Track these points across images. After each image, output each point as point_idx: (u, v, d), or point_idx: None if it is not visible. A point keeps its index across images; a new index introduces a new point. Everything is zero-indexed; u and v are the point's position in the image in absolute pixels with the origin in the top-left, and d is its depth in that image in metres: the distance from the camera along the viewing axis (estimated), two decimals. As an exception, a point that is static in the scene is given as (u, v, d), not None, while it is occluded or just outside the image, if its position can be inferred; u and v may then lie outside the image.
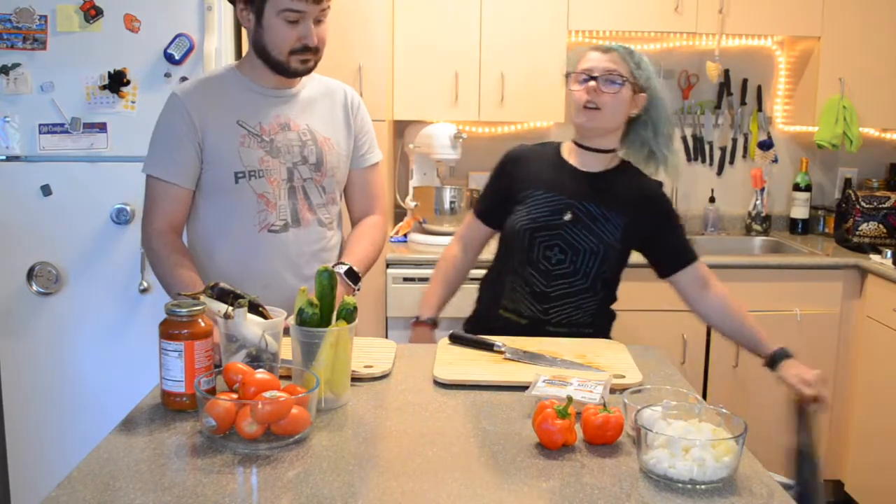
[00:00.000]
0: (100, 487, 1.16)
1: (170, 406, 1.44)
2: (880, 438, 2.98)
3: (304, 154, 1.93)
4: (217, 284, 1.53)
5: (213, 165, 1.88)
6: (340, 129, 2.00)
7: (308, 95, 1.98)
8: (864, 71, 3.34)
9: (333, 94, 2.02)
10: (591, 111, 1.94)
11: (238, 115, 1.89)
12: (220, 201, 1.91)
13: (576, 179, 1.99)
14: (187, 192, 1.90)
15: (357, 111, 2.04)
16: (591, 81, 1.92)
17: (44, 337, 2.67)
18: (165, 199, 1.87)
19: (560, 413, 1.30)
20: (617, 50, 1.94)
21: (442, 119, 3.33)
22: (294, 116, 1.94)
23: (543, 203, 1.98)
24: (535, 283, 1.97)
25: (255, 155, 1.88)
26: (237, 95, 1.91)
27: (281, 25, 1.81)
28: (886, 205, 3.34)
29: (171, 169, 1.86)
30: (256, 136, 1.89)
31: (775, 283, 3.11)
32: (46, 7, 2.56)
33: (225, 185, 1.88)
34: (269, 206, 1.90)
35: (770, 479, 1.23)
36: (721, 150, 3.74)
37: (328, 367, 1.43)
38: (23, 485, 2.72)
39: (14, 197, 2.63)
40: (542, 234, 1.96)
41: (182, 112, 1.86)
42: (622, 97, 1.93)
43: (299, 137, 1.93)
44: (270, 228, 1.91)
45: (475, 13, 3.24)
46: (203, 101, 1.88)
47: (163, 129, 1.90)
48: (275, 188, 1.90)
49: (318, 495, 1.15)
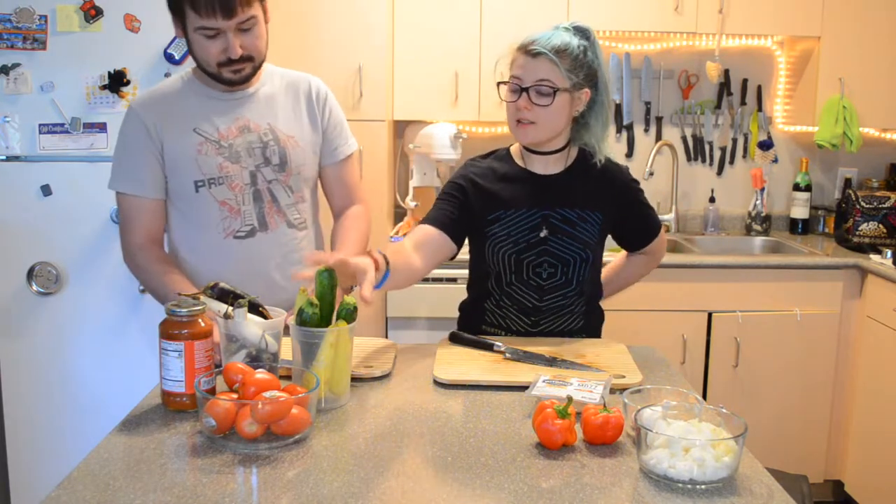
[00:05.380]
0: (100, 487, 1.16)
1: (170, 406, 1.44)
2: (880, 438, 2.98)
3: (266, 155, 1.90)
4: (217, 284, 1.54)
5: (174, 175, 1.87)
6: (305, 124, 1.96)
7: (268, 93, 1.93)
8: (864, 71, 3.34)
9: (297, 87, 1.97)
10: (525, 127, 1.81)
11: (194, 123, 1.87)
12: (183, 210, 1.91)
13: (541, 187, 1.89)
14: (158, 203, 1.89)
15: (324, 103, 1.99)
16: (522, 94, 1.79)
17: (44, 337, 2.67)
18: (139, 213, 1.88)
19: (560, 413, 1.30)
20: (546, 54, 1.77)
21: (442, 119, 3.33)
22: (254, 117, 1.90)
23: (518, 222, 1.87)
24: (525, 300, 1.90)
25: (213, 162, 1.86)
26: (193, 102, 1.89)
27: (202, 40, 1.78)
28: (886, 205, 3.34)
29: (138, 182, 1.86)
30: (214, 143, 1.86)
31: (775, 283, 3.11)
32: (46, 7, 2.56)
33: (186, 194, 1.88)
34: (232, 213, 1.89)
35: (770, 479, 1.23)
36: (721, 150, 3.74)
37: (328, 367, 1.43)
38: (23, 485, 2.72)
39: (14, 197, 2.63)
40: (528, 255, 1.87)
41: (139, 125, 1.86)
42: (558, 106, 1.79)
43: (260, 139, 1.90)
44: (236, 235, 1.90)
45: (475, 13, 3.24)
46: (159, 112, 1.86)
47: (123, 145, 1.89)
48: (238, 194, 1.88)
49: (318, 495, 1.15)
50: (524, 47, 1.81)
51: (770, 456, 2.89)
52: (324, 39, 3.06)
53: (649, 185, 3.67)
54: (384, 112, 3.13)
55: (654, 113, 3.70)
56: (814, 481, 3.08)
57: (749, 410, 3.09)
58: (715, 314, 3.12)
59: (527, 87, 1.78)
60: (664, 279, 3.08)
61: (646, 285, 2.26)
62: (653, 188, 3.71)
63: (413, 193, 3.39)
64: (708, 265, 3.12)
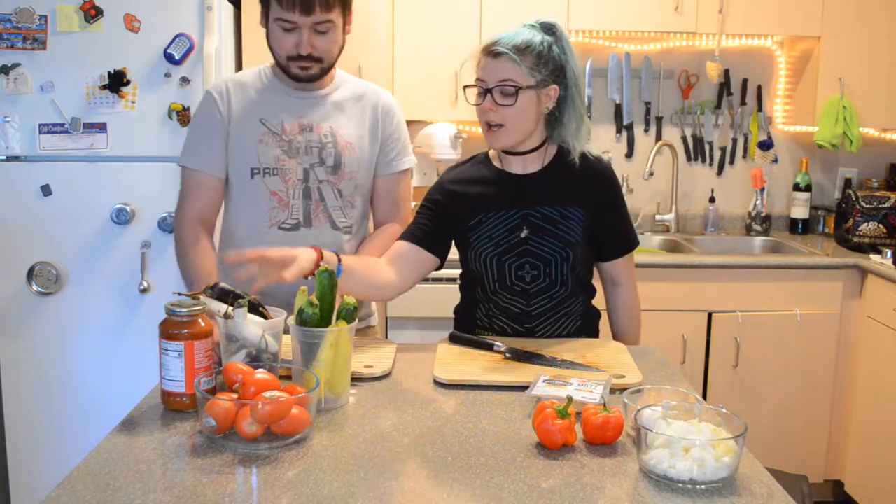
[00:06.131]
0: (100, 487, 1.16)
1: (170, 406, 1.44)
2: (880, 438, 2.98)
3: (322, 156, 1.95)
4: (217, 284, 1.54)
5: (233, 160, 1.95)
6: (366, 134, 2.01)
7: (337, 98, 2.00)
8: (864, 71, 3.35)
9: (365, 98, 2.03)
10: (495, 132, 1.80)
11: (262, 113, 1.94)
12: (235, 195, 1.97)
13: (520, 187, 1.86)
14: (217, 181, 1.96)
15: (388, 116, 2.04)
16: (487, 95, 1.77)
17: (44, 337, 2.67)
18: (196, 188, 1.96)
19: (560, 413, 1.30)
20: (507, 53, 1.74)
21: (442, 119, 3.33)
22: (318, 119, 1.96)
23: (498, 224, 1.85)
24: (513, 306, 1.88)
25: (272, 153, 1.93)
26: (265, 94, 1.96)
27: (278, 31, 1.86)
28: (886, 205, 3.34)
29: (200, 158, 1.95)
30: (276, 135, 1.93)
31: (775, 283, 3.11)
32: (46, 7, 2.56)
33: (242, 180, 1.95)
34: (280, 204, 1.94)
35: (770, 479, 1.23)
36: (721, 150, 3.74)
37: (328, 367, 1.43)
38: (23, 485, 2.72)
39: (14, 197, 2.63)
40: (508, 256, 1.85)
41: (212, 107, 1.94)
42: (523, 105, 1.76)
43: (320, 139, 1.95)
44: (281, 226, 1.95)
45: (475, 13, 3.25)
46: (231, 98, 1.95)
47: (195, 124, 2.00)
48: (289, 187, 1.94)
49: (318, 495, 1.15)
50: (486, 48, 1.78)
51: (770, 456, 2.90)
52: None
53: (649, 184, 3.68)
54: (384, 112, 3.13)
55: (654, 113, 3.70)
56: (814, 481, 3.08)
57: (749, 410, 3.09)
58: (715, 314, 3.12)
59: (490, 89, 1.76)
60: (664, 279, 3.08)
61: (646, 285, 2.26)
62: (653, 188, 3.71)
63: (413, 194, 3.39)
64: (708, 265, 3.12)
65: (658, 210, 3.72)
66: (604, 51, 3.63)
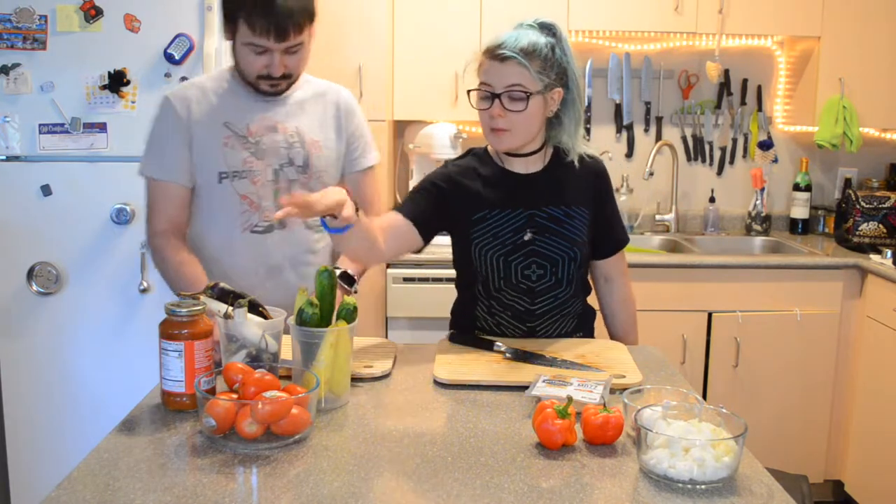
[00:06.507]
0: (100, 487, 1.16)
1: (170, 406, 1.44)
2: (880, 438, 2.98)
3: (290, 156, 1.94)
4: (217, 284, 1.54)
5: (200, 165, 1.91)
6: (331, 131, 2.01)
7: (299, 98, 1.99)
8: (864, 71, 3.34)
9: (326, 96, 2.03)
10: (500, 133, 1.76)
11: (225, 117, 1.91)
12: (205, 201, 1.94)
13: (524, 187, 1.85)
14: (185, 190, 1.93)
15: (350, 113, 2.04)
16: (494, 101, 1.73)
17: (44, 337, 2.67)
18: (164, 199, 1.91)
19: (560, 413, 1.30)
20: (515, 57, 1.70)
21: (442, 119, 3.33)
22: (282, 119, 1.95)
23: (503, 223, 1.83)
24: (517, 303, 1.86)
25: (238, 156, 1.90)
26: (227, 98, 1.93)
27: (249, 54, 1.84)
28: (886, 205, 3.34)
29: (166, 167, 1.90)
30: (241, 138, 1.91)
31: (775, 283, 3.11)
32: (46, 7, 2.56)
33: (210, 185, 1.92)
34: (252, 207, 1.93)
35: (770, 479, 1.23)
36: (721, 150, 3.74)
37: (328, 367, 1.43)
38: (23, 485, 2.72)
39: (14, 197, 2.63)
40: (515, 256, 1.82)
41: (172, 113, 1.90)
42: (531, 111, 1.74)
43: (286, 140, 1.94)
44: (253, 229, 1.93)
45: (475, 13, 3.24)
46: (192, 103, 1.91)
47: (156, 132, 1.95)
48: (259, 189, 1.92)
49: (318, 495, 1.15)
50: (491, 51, 1.73)
51: (770, 456, 2.89)
52: (324, 39, 3.05)
53: (649, 185, 3.68)
54: (384, 112, 3.13)
55: (654, 113, 3.70)
56: (814, 481, 3.08)
57: (749, 410, 3.09)
58: (715, 314, 3.12)
59: (499, 94, 1.73)
60: (664, 279, 3.08)
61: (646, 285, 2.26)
62: (653, 188, 3.71)
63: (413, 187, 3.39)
64: (708, 265, 3.12)
65: (658, 210, 3.72)
66: (604, 51, 3.63)
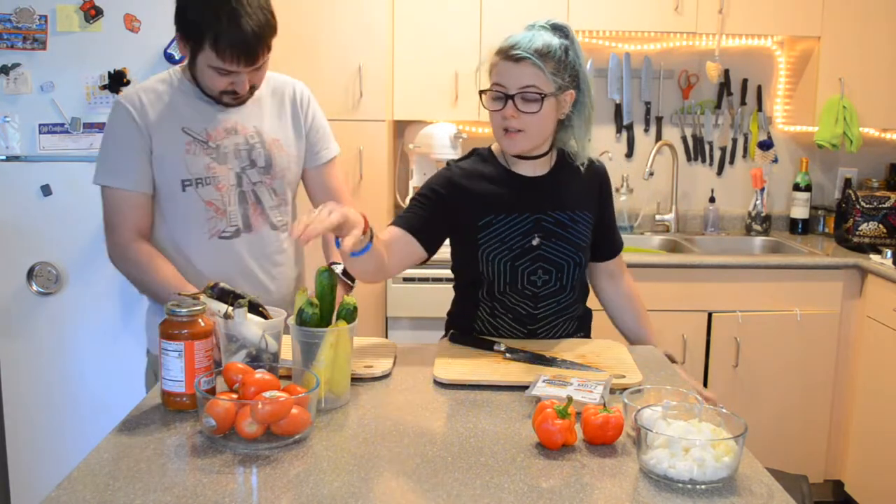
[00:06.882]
0: (100, 487, 1.16)
1: (170, 406, 1.44)
2: (880, 438, 2.98)
3: (252, 157, 1.90)
4: (217, 284, 1.54)
5: (161, 173, 1.86)
6: (289, 128, 1.97)
7: (256, 96, 1.93)
8: (864, 71, 3.35)
9: (282, 92, 1.98)
10: (513, 136, 1.74)
11: (183, 122, 1.86)
12: (169, 209, 1.89)
13: (531, 190, 1.82)
14: (147, 197, 1.87)
15: (307, 107, 2.00)
16: (508, 102, 1.71)
17: (44, 337, 2.67)
18: (127, 209, 1.84)
19: (560, 413, 1.30)
20: (529, 58, 1.68)
21: (442, 119, 3.33)
22: (241, 120, 1.91)
23: (510, 227, 1.80)
24: (520, 307, 1.85)
25: (201, 162, 1.86)
26: (181, 101, 1.88)
27: (213, 75, 1.79)
28: (886, 205, 3.34)
29: (126, 176, 1.84)
30: (202, 143, 1.86)
31: (775, 283, 3.11)
32: (46, 7, 2.56)
33: (173, 193, 1.87)
34: (218, 213, 1.89)
35: (770, 479, 1.23)
36: (721, 150, 3.74)
37: (328, 367, 1.43)
38: (23, 485, 2.73)
39: (14, 197, 2.63)
40: (522, 261, 1.80)
41: (128, 119, 1.84)
42: (545, 113, 1.72)
43: (247, 141, 1.90)
44: (221, 235, 1.90)
45: (475, 13, 3.24)
46: (147, 108, 1.85)
47: (111, 138, 1.86)
48: (224, 194, 1.88)
49: (318, 495, 1.15)
50: (505, 52, 1.71)
51: (770, 456, 2.89)
52: (324, 39, 3.06)
53: (649, 185, 3.68)
54: (384, 112, 3.13)
55: (654, 113, 3.70)
56: (814, 481, 3.08)
57: (749, 410, 3.09)
58: (715, 314, 3.12)
59: (512, 95, 1.70)
60: (664, 279, 3.08)
61: (646, 285, 2.26)
62: (653, 188, 3.71)
63: (413, 194, 3.39)
64: (708, 265, 3.12)
65: (658, 210, 3.72)
66: (604, 51, 3.63)
